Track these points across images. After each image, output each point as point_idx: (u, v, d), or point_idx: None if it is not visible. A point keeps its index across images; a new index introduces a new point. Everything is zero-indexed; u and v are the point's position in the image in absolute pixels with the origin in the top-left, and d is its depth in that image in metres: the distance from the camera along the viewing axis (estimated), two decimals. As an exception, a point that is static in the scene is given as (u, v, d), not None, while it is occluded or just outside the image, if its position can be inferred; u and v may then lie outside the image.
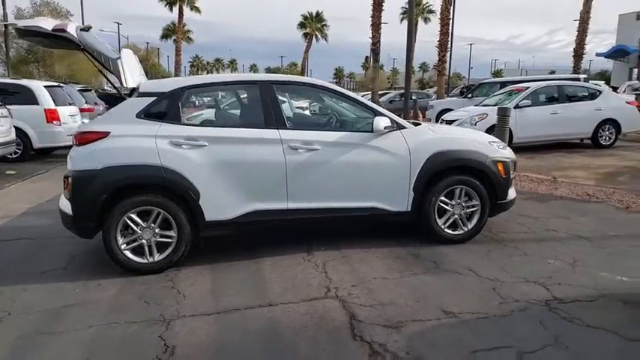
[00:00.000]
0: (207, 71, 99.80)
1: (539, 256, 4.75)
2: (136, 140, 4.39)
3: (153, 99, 4.55)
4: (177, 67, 55.33)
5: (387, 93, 36.37)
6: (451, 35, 32.68)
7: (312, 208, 4.76)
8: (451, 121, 12.82)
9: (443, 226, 5.09)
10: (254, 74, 7.57)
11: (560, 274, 4.31)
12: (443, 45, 32.38)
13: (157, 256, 4.44)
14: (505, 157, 5.25)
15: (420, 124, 5.75)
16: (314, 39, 62.04)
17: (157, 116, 4.53)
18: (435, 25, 37.10)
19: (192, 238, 4.51)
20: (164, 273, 4.43)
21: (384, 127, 4.77)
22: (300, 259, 4.80)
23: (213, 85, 5.25)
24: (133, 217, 4.36)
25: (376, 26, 34.40)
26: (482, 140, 5.39)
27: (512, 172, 5.32)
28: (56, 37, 4.55)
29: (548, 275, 4.26)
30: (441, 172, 4.97)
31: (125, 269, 4.40)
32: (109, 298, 3.97)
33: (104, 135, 4.38)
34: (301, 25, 61.84)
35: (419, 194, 4.94)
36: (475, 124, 11.99)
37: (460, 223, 5.13)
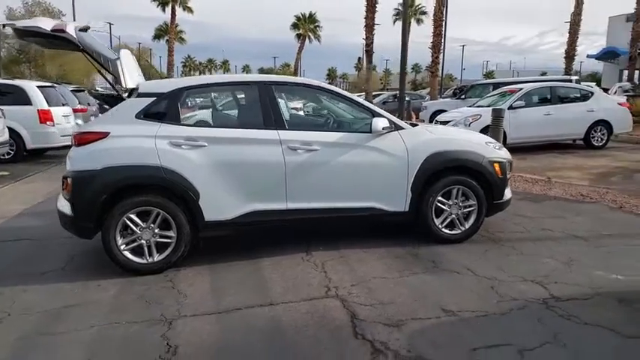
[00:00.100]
0: (200, 72, 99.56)
1: (535, 256, 4.80)
2: (136, 141, 4.40)
3: (152, 99, 4.56)
4: (169, 67, 55.09)
5: (380, 94, 36.47)
6: (444, 37, 32.79)
7: (311, 208, 4.79)
8: (445, 122, 12.86)
9: (440, 226, 5.13)
10: (253, 75, 7.57)
11: (557, 272, 4.36)
12: (436, 46, 32.47)
13: (157, 257, 4.45)
14: (501, 158, 5.30)
15: (418, 124, 5.79)
16: (307, 40, 62.00)
17: (157, 117, 4.54)
18: (427, 27, 37.37)
19: (191, 238, 4.53)
20: (163, 273, 4.44)
21: (382, 128, 4.80)
22: (299, 259, 4.82)
23: (212, 86, 5.28)
24: (132, 217, 4.36)
25: (370, 27, 34.50)
26: (479, 141, 5.44)
27: (508, 172, 5.37)
28: (55, 38, 4.54)
29: (544, 274, 4.32)
30: (439, 173, 5.01)
31: (124, 270, 4.41)
32: (109, 298, 3.98)
33: (104, 135, 4.39)
34: (294, 26, 61.78)
35: (417, 194, 4.98)
36: (469, 125, 12.05)
37: (457, 222, 5.17)
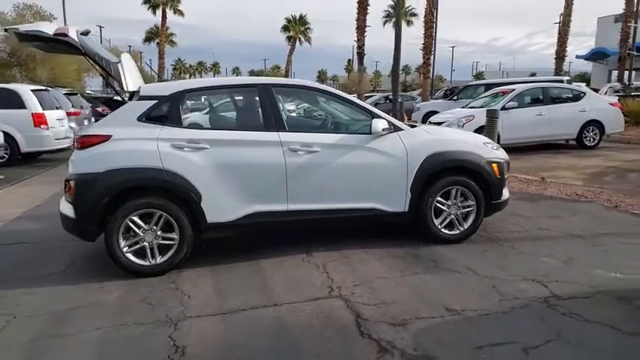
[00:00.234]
0: (190, 74, 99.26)
1: (534, 255, 4.86)
2: (138, 143, 4.41)
3: (154, 102, 4.58)
4: (160, 70, 54.91)
5: (371, 95, 36.58)
6: (434, 38, 32.92)
7: (311, 209, 4.82)
8: (438, 123, 12.94)
9: (440, 226, 5.18)
10: (253, 77, 7.59)
11: (556, 271, 4.42)
12: (427, 48, 32.62)
13: (159, 259, 4.46)
14: (499, 158, 5.36)
15: (416, 126, 5.84)
16: (297, 42, 62.05)
17: (158, 119, 4.55)
18: (417, 29, 37.53)
19: (193, 240, 4.54)
20: (166, 275, 4.45)
21: (381, 129, 4.85)
22: (300, 260, 4.85)
23: (213, 89, 5.31)
24: (135, 219, 4.37)
25: (361, 29, 34.59)
26: (477, 141, 5.50)
27: (506, 172, 5.43)
28: (57, 42, 4.55)
29: (544, 273, 4.37)
30: (438, 173, 5.06)
31: (127, 272, 4.41)
32: (113, 300, 3.99)
33: (106, 138, 4.40)
34: (285, 29, 61.78)
35: (416, 195, 5.03)
36: (462, 125, 12.14)
37: (456, 223, 5.22)
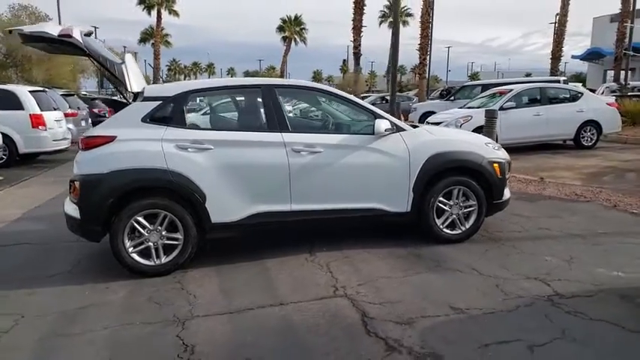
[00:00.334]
0: (185, 75, 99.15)
1: (536, 254, 4.90)
2: (143, 144, 4.43)
3: (158, 103, 4.60)
4: (155, 71, 54.87)
5: (367, 96, 36.62)
6: (430, 39, 33.04)
7: (314, 209, 4.85)
8: (436, 124, 12.98)
9: (441, 226, 5.21)
10: (257, 78, 7.58)
11: (558, 270, 4.46)
12: (423, 48, 32.74)
13: (164, 259, 4.48)
14: (500, 158, 5.40)
15: (418, 126, 5.88)
16: (293, 42, 62.10)
17: (163, 120, 4.57)
18: (412, 29, 37.64)
19: (198, 240, 4.57)
20: (171, 275, 4.47)
21: (384, 130, 4.87)
22: (304, 259, 4.88)
23: (216, 90, 5.34)
24: (140, 220, 4.39)
25: (357, 29, 34.75)
26: (479, 142, 5.54)
27: (507, 172, 5.47)
28: (61, 43, 4.56)
29: (546, 272, 4.41)
30: (440, 173, 5.09)
31: (132, 272, 4.43)
32: (119, 300, 4.00)
33: (110, 139, 4.41)
34: (280, 29, 61.84)
35: (418, 195, 5.06)
36: (460, 126, 12.18)
37: (458, 222, 5.26)
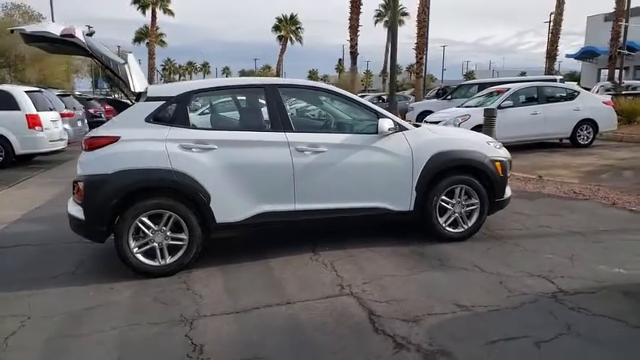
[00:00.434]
0: (180, 75, 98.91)
1: (538, 252, 4.93)
2: (146, 144, 4.43)
3: (161, 103, 4.60)
4: (150, 70, 54.70)
5: (364, 95, 36.62)
6: (426, 38, 33.06)
7: (318, 209, 4.86)
8: (434, 123, 13.01)
9: (444, 225, 5.24)
10: (260, 78, 7.57)
11: (561, 267, 4.49)
12: (420, 47, 32.73)
13: (169, 259, 4.49)
14: (502, 157, 5.44)
15: (420, 125, 5.90)
16: (289, 42, 62.10)
17: (166, 120, 4.58)
18: (408, 28, 37.71)
19: (203, 240, 4.57)
20: (176, 275, 4.48)
21: (387, 129, 4.90)
22: (308, 258, 4.89)
23: (220, 89, 5.34)
24: (144, 220, 4.39)
25: (354, 29, 34.77)
26: (481, 140, 5.58)
27: (508, 170, 5.51)
28: (63, 43, 4.55)
29: (549, 269, 4.44)
30: (443, 172, 5.12)
31: (137, 272, 4.43)
32: (125, 300, 4.01)
33: (114, 139, 4.41)
34: (276, 28, 61.84)
35: (421, 194, 5.08)
36: (458, 125, 12.21)
37: (460, 221, 5.29)
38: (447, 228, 5.24)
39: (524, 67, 76.35)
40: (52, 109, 12.63)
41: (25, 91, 11.87)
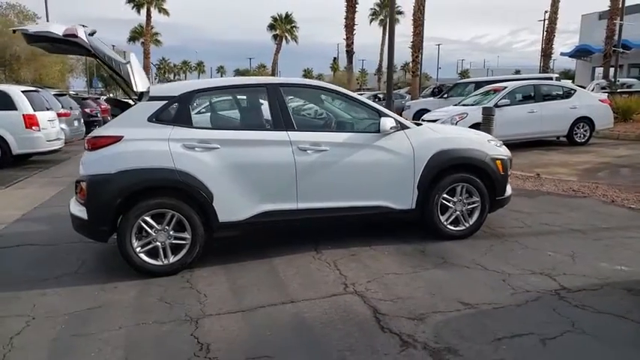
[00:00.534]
0: (174, 74, 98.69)
1: (539, 249, 4.96)
2: (149, 144, 4.43)
3: (164, 103, 4.60)
4: (146, 70, 54.51)
5: (361, 94, 36.68)
6: (422, 37, 33.11)
7: (320, 207, 4.87)
8: (432, 121, 13.04)
9: (446, 223, 5.26)
10: (262, 77, 7.61)
11: (563, 265, 4.52)
12: (416, 46, 32.76)
13: (172, 258, 4.49)
14: (503, 155, 5.47)
15: (421, 124, 5.92)
16: (284, 41, 61.99)
17: (169, 120, 4.57)
18: (403, 27, 37.73)
19: (205, 239, 4.57)
20: (179, 274, 4.48)
21: (390, 128, 4.91)
22: (310, 257, 4.90)
23: (222, 89, 5.34)
24: (147, 219, 4.39)
25: (350, 27, 34.78)
26: (481, 139, 5.60)
27: (509, 169, 5.53)
28: (65, 43, 4.54)
29: (551, 267, 4.47)
30: (444, 170, 5.13)
31: (140, 272, 4.43)
32: (130, 300, 4.00)
33: (117, 139, 4.41)
34: (271, 27, 61.69)
35: (423, 192, 5.09)
36: (456, 123, 12.24)
37: (462, 219, 5.31)
38: (448, 226, 5.26)
39: (518, 66, 76.68)
40: (48, 108, 12.59)
41: (22, 91, 11.81)
